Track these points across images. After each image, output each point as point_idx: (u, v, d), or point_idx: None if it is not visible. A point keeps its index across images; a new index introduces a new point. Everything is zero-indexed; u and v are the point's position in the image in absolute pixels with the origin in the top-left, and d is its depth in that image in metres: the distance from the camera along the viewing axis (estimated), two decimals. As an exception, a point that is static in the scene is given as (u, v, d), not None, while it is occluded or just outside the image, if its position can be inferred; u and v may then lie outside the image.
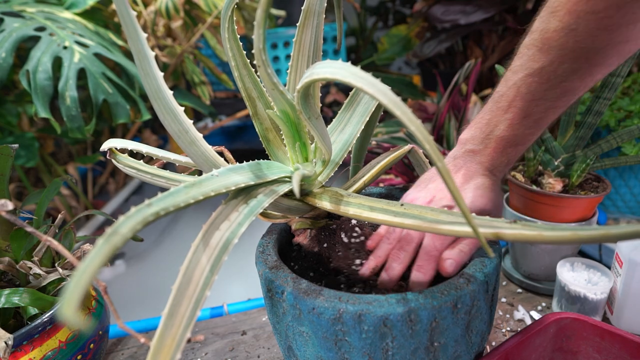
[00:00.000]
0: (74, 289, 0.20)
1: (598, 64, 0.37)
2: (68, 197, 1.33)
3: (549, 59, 0.37)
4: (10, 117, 1.11)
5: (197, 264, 0.29)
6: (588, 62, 0.36)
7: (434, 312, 0.35)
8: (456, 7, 1.21)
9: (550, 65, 0.37)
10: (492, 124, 0.42)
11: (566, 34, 0.36)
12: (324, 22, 0.44)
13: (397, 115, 0.24)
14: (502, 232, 0.29)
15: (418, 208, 0.35)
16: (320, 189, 0.43)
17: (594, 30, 0.35)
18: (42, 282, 0.51)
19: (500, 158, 0.42)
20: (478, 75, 0.99)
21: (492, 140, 0.42)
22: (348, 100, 0.48)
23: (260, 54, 0.30)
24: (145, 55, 0.30)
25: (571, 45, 0.36)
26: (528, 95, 0.39)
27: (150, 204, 0.27)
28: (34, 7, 0.98)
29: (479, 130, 0.43)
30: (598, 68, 0.37)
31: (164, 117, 0.33)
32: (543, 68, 0.37)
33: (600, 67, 0.37)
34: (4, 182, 0.48)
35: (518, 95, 0.39)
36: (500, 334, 0.60)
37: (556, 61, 0.37)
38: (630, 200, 0.89)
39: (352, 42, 2.03)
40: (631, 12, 0.34)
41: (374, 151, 0.86)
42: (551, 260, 0.65)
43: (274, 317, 0.42)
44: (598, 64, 0.37)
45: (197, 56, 1.38)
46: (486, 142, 0.42)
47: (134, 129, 1.45)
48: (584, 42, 0.35)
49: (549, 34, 0.37)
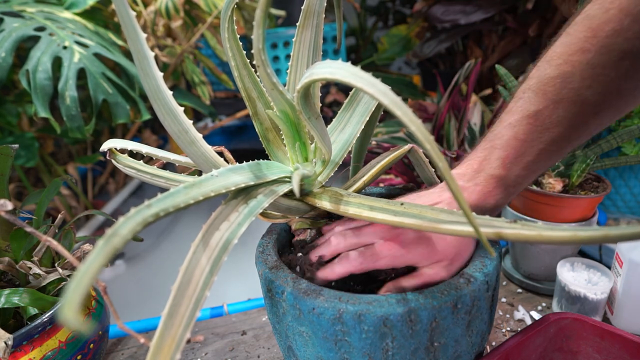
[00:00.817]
0: (74, 291, 0.20)
1: (591, 114, 0.37)
2: (68, 197, 1.33)
3: (544, 103, 0.37)
4: (10, 117, 1.11)
5: (197, 265, 0.29)
6: (582, 112, 0.37)
7: (434, 312, 0.35)
8: (456, 7, 1.21)
9: (545, 110, 0.37)
10: (484, 162, 0.40)
11: (561, 82, 0.36)
12: (323, 22, 0.43)
13: (398, 115, 0.24)
14: (503, 231, 0.29)
15: (418, 207, 0.35)
16: (320, 188, 0.43)
17: (588, 82, 0.35)
18: (42, 282, 0.51)
19: (486, 199, 0.40)
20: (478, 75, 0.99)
21: (482, 178, 0.40)
22: (348, 100, 0.48)
23: (260, 54, 0.30)
24: (145, 55, 0.29)
25: (566, 93, 0.36)
26: (522, 135, 0.39)
27: (150, 205, 0.27)
28: (33, 7, 0.98)
29: (469, 168, 0.41)
30: (592, 119, 0.37)
31: (163, 118, 0.33)
32: (538, 111, 0.38)
33: (594, 119, 0.38)
34: (4, 182, 0.48)
35: (513, 134, 0.39)
36: (500, 334, 0.60)
37: (551, 106, 0.37)
38: (631, 200, 0.89)
39: (352, 42, 2.03)
40: (626, 68, 0.34)
41: (374, 151, 0.86)
42: (551, 260, 0.65)
43: (274, 317, 0.41)
44: (591, 115, 0.37)
45: (197, 56, 1.38)
46: (475, 179, 0.40)
47: (134, 129, 1.45)
48: (578, 91, 0.36)
49: (545, 79, 0.37)
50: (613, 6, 0.33)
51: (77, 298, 0.20)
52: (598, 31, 0.34)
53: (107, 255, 0.23)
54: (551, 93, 0.37)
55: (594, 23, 0.34)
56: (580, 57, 0.35)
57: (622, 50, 0.33)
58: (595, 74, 0.35)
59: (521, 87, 0.40)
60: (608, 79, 0.35)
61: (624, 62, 0.34)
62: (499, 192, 0.40)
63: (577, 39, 0.35)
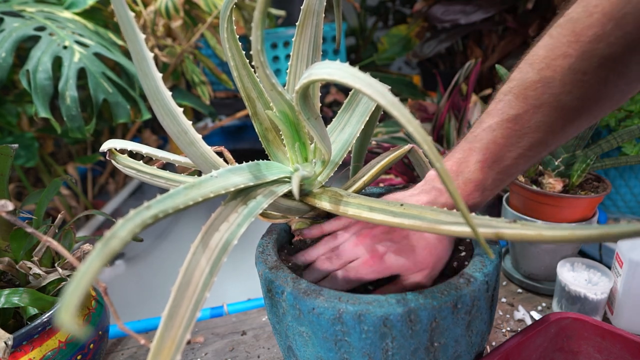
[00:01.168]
0: (73, 294, 0.20)
1: (570, 120, 0.37)
2: (68, 197, 1.33)
3: (524, 108, 0.37)
4: (10, 117, 1.11)
5: (197, 266, 0.29)
6: (561, 117, 0.37)
7: (434, 312, 0.35)
8: (456, 7, 1.21)
9: (525, 114, 0.37)
10: (462, 165, 0.40)
11: (542, 86, 0.36)
12: (323, 22, 0.43)
13: (395, 116, 0.24)
14: (502, 232, 0.29)
15: (418, 208, 0.35)
16: (320, 189, 0.43)
17: (569, 87, 0.35)
18: (41, 282, 0.51)
19: (465, 201, 0.40)
20: (478, 75, 0.99)
21: (461, 180, 0.40)
22: (348, 100, 0.48)
23: (259, 55, 0.30)
24: (144, 56, 0.29)
25: (546, 98, 0.36)
26: (501, 139, 0.38)
27: (149, 207, 0.27)
28: (33, 6, 0.98)
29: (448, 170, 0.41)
30: (570, 124, 0.38)
31: (163, 118, 0.33)
32: (518, 115, 0.38)
33: (572, 124, 0.38)
34: (4, 182, 0.48)
35: (492, 138, 0.39)
36: (500, 334, 0.60)
37: (531, 110, 0.37)
38: (631, 200, 0.89)
39: (352, 42, 2.03)
40: (607, 73, 0.34)
41: (374, 151, 0.86)
42: (551, 260, 0.65)
43: (274, 317, 0.42)
44: (570, 120, 0.37)
45: (197, 56, 1.38)
46: (454, 181, 0.40)
47: (134, 128, 1.45)
48: (558, 96, 0.36)
49: (527, 83, 0.37)
50: (597, 10, 0.33)
51: (75, 301, 0.20)
52: (581, 36, 0.34)
53: (105, 257, 0.23)
54: (532, 97, 0.37)
55: (577, 27, 0.34)
56: (562, 62, 0.35)
57: (603, 56, 0.33)
58: (576, 79, 0.35)
59: (502, 89, 0.40)
60: (588, 84, 0.35)
61: (604, 67, 0.34)
62: (476, 195, 0.41)
63: (560, 42, 0.35)
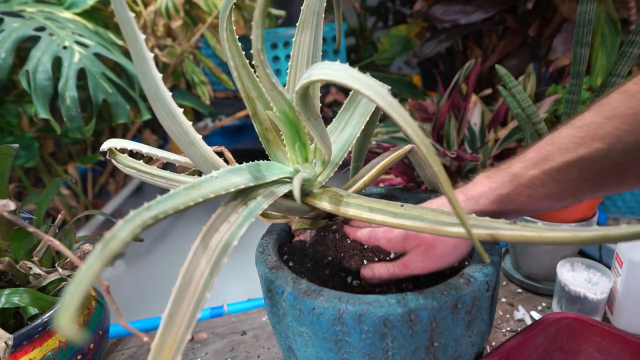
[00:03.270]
0: (72, 295, 0.20)
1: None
2: (68, 197, 1.33)
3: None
4: (10, 117, 1.11)
5: (197, 267, 0.29)
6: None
7: (434, 312, 0.35)
8: (456, 7, 1.21)
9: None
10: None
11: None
12: (323, 22, 0.43)
13: (394, 117, 0.24)
14: (501, 233, 0.29)
15: (418, 209, 0.35)
16: (320, 189, 0.43)
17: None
18: (42, 282, 0.51)
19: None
20: (478, 75, 0.99)
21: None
22: (348, 100, 0.48)
23: (259, 54, 0.30)
24: (144, 56, 0.29)
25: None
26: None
27: (149, 207, 0.27)
28: (33, 7, 0.98)
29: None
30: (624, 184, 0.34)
31: (163, 119, 0.33)
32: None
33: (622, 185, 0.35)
34: (4, 182, 0.48)
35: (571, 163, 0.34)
36: (500, 334, 0.60)
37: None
38: (631, 200, 0.89)
39: (352, 42, 2.03)
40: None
41: (374, 151, 0.86)
42: (551, 260, 0.65)
43: (274, 317, 0.42)
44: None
45: (197, 56, 1.38)
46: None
47: (134, 128, 1.45)
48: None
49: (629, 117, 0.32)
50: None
51: (75, 302, 0.20)
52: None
53: (105, 259, 0.23)
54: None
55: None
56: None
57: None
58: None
59: (597, 119, 0.34)
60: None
61: None
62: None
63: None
